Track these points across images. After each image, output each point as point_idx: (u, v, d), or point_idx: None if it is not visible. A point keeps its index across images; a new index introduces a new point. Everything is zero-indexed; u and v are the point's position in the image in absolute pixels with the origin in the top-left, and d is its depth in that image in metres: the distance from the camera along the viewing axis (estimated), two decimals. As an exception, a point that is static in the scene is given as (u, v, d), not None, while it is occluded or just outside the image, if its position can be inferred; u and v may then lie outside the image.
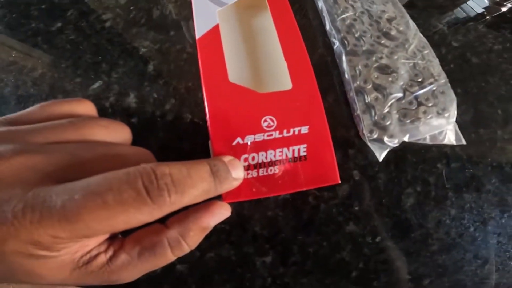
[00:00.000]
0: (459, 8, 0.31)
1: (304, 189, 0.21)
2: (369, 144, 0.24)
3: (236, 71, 0.24)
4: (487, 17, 0.30)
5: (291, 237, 0.24)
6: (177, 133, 0.25)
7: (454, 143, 0.24)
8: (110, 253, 0.15)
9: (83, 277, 0.15)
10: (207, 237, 0.24)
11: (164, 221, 0.17)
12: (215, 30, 0.24)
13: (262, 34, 0.26)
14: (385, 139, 0.23)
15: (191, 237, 0.17)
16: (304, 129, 0.21)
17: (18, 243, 0.12)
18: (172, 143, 0.25)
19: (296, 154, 0.21)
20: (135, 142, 0.24)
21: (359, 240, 0.25)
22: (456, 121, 0.25)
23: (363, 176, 0.24)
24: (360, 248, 0.25)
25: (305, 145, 0.21)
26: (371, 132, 0.23)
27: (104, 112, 0.25)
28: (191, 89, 0.26)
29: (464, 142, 0.24)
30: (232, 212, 0.24)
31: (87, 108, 0.18)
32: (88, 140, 0.16)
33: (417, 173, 0.25)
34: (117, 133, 0.18)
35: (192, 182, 0.15)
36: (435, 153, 0.25)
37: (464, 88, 0.26)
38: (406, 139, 0.23)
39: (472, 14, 0.30)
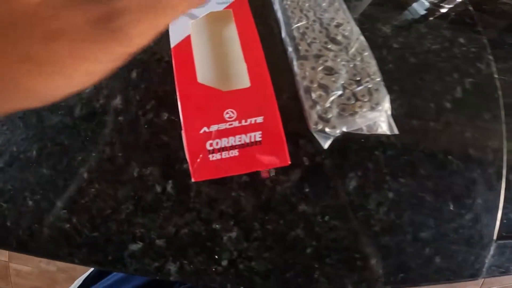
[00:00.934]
0: (406, 11, 0.35)
1: (260, 169, 0.26)
2: (315, 134, 0.28)
3: (204, 73, 0.29)
4: (430, 19, 0.34)
5: (252, 215, 0.29)
6: (156, 128, 0.30)
7: (388, 132, 0.28)
8: None
9: None
10: (181, 215, 0.29)
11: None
12: (187, 40, 0.29)
13: (227, 42, 0.30)
14: (327, 130, 0.27)
15: None
16: (259, 119, 0.26)
17: None
18: (153, 137, 0.30)
19: (252, 140, 0.26)
20: (121, 137, 0.29)
21: (311, 219, 0.29)
22: (392, 114, 0.29)
23: (312, 162, 0.29)
24: (312, 226, 0.29)
25: (260, 132, 0.26)
26: (316, 124, 0.28)
27: (95, 112, 0.30)
28: (168, 92, 0.31)
29: (396, 132, 0.28)
30: (202, 193, 0.29)
31: None
32: None
33: (358, 159, 0.29)
34: None
35: None
36: (373, 142, 0.29)
37: (401, 85, 0.30)
38: (345, 129, 0.27)
39: (417, 16, 0.34)
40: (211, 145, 0.26)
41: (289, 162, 0.27)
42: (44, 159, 0.29)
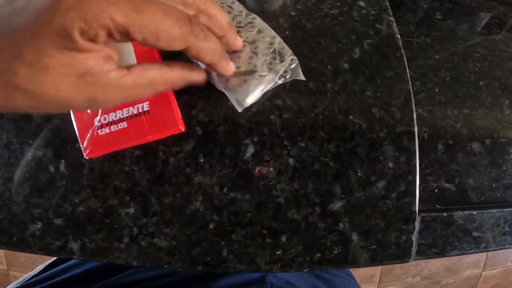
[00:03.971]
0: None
1: (151, 139, 0.26)
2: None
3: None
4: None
5: (147, 189, 0.28)
6: (48, 114, 0.30)
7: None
8: (121, 73, 0.20)
9: (91, 86, 0.19)
10: (76, 193, 0.28)
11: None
12: None
13: None
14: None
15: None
16: None
17: (73, 19, 0.16)
18: (45, 122, 0.29)
19: (140, 110, 0.26)
20: (15, 124, 0.29)
21: (209, 191, 0.28)
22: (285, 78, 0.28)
23: (205, 131, 0.28)
24: (211, 199, 0.28)
25: (147, 102, 0.26)
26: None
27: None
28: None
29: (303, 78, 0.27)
30: (94, 170, 0.28)
31: None
32: None
33: (252, 125, 0.28)
34: None
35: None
36: (268, 106, 0.28)
37: (296, 50, 0.29)
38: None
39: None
40: (99, 121, 0.26)
41: (183, 129, 0.27)
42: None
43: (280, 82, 0.27)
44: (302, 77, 0.27)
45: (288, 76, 0.27)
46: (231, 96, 0.26)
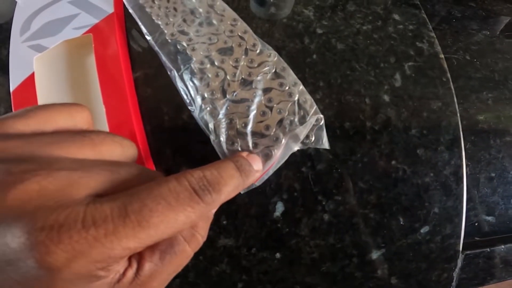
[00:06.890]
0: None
1: None
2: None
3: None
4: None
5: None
6: None
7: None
8: (134, 266, 0.15)
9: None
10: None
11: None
12: (31, 79, 0.23)
13: (84, 78, 0.24)
14: None
15: (201, 227, 0.17)
16: None
17: (86, 263, 0.12)
18: None
19: None
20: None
21: (235, 253, 0.25)
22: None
23: (225, 190, 0.24)
24: (238, 260, 0.25)
25: None
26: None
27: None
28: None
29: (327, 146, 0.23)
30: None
31: (86, 115, 0.17)
32: (107, 158, 0.16)
33: (281, 180, 0.24)
34: (130, 151, 0.17)
35: (224, 181, 0.16)
36: (298, 156, 0.24)
37: (327, 80, 0.24)
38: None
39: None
40: None
41: None
42: None
43: (296, 149, 0.22)
44: (326, 145, 0.22)
45: (310, 142, 0.22)
46: None
